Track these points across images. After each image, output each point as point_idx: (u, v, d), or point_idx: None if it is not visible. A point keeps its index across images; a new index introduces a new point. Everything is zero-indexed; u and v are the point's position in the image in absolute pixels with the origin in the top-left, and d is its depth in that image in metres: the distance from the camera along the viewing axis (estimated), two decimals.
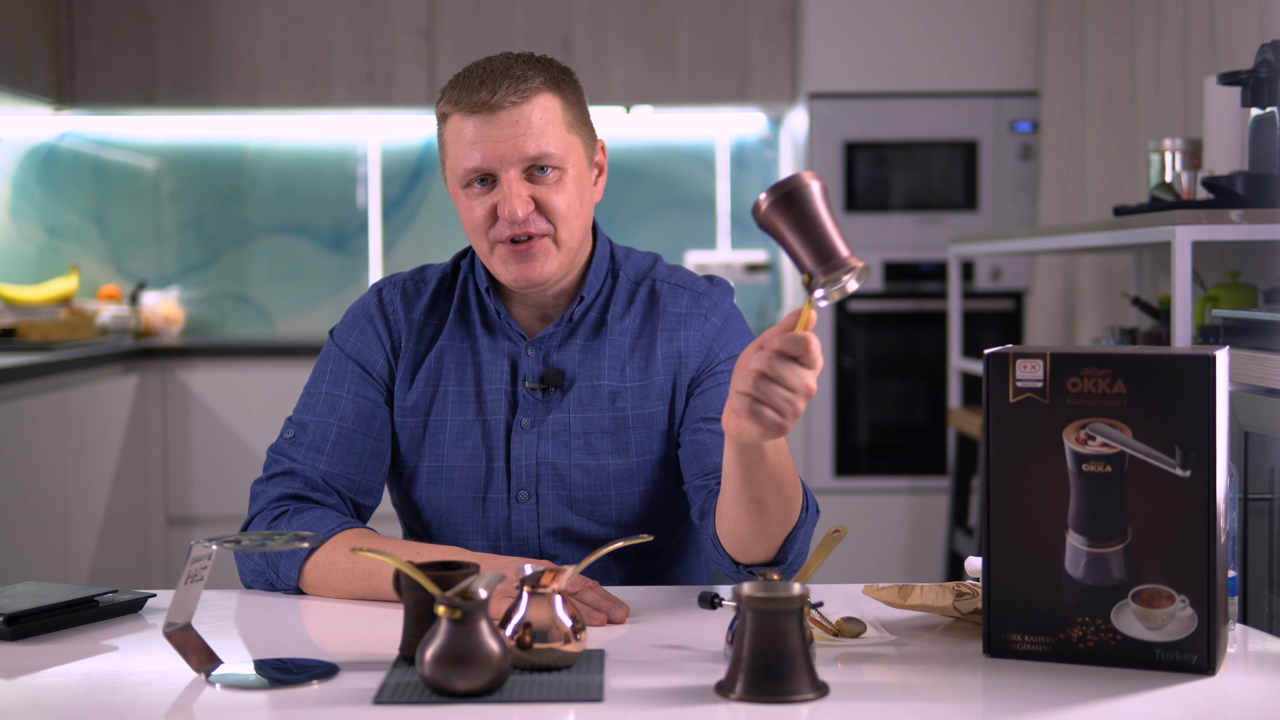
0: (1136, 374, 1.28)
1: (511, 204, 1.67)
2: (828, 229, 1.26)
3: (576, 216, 1.72)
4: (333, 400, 1.77)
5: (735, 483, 1.47)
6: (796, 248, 1.27)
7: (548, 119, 1.69)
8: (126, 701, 1.26)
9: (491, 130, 1.67)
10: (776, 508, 1.51)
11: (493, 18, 4.55)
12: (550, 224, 1.70)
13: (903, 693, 1.27)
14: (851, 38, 4.35)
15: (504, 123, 1.67)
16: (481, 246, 1.73)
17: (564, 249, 1.72)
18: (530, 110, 1.68)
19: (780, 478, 1.48)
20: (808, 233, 1.26)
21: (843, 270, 1.26)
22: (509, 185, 1.68)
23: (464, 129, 1.69)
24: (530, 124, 1.67)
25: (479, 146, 1.68)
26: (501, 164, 1.68)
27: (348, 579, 1.62)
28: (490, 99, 1.67)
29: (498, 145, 1.67)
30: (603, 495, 1.76)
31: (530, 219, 1.68)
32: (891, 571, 4.32)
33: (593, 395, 1.76)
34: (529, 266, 1.70)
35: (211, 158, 4.88)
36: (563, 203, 1.70)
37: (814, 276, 1.26)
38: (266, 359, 4.33)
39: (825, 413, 4.38)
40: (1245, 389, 2.31)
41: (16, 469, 3.41)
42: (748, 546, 1.56)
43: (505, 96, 1.67)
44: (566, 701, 1.22)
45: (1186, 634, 1.28)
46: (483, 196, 1.70)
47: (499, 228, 1.70)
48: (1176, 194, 2.80)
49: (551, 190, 1.69)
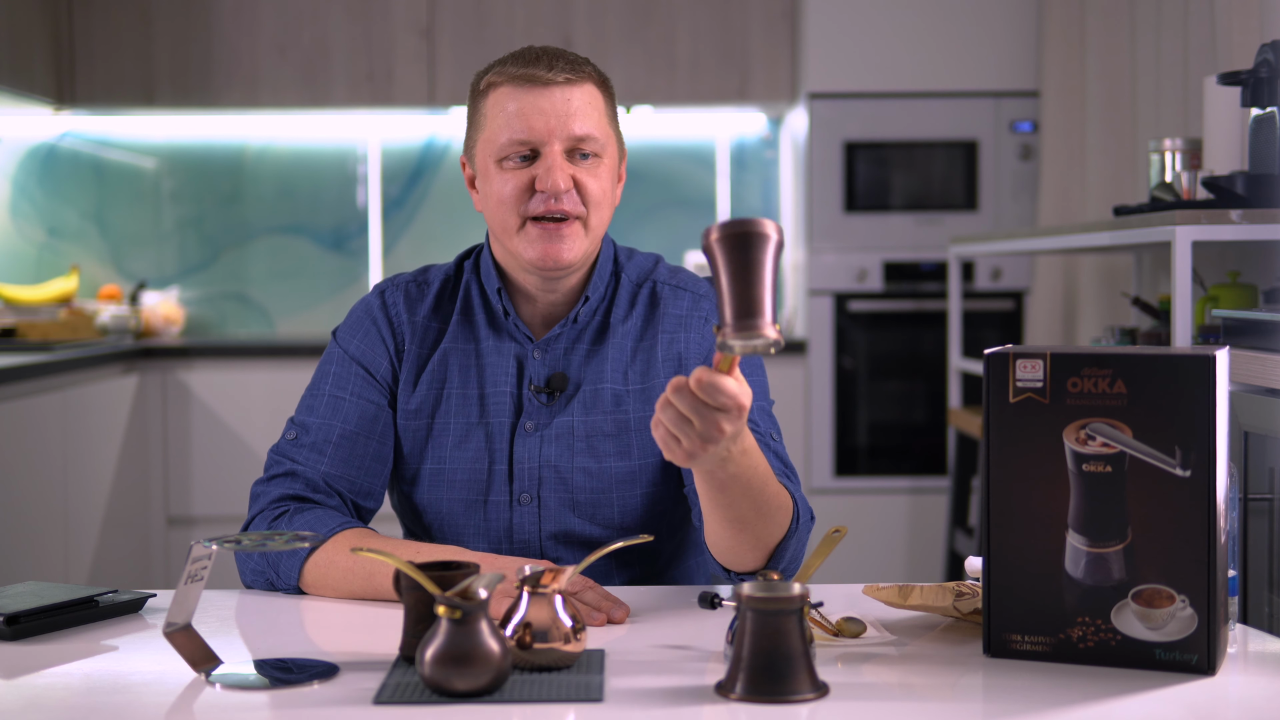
0: (1136, 374, 1.28)
1: (554, 176, 1.68)
2: (763, 289, 1.22)
3: (608, 205, 1.75)
4: (335, 402, 1.77)
5: (708, 505, 1.50)
6: (725, 292, 1.23)
7: (594, 105, 1.72)
8: (126, 701, 1.25)
9: (543, 103, 1.69)
10: (757, 522, 1.52)
11: (493, 18, 4.55)
12: (584, 207, 1.71)
13: (903, 693, 1.27)
14: (851, 38, 4.35)
15: (556, 98, 1.69)
16: (509, 222, 1.72)
17: (591, 235, 1.73)
18: (580, 93, 1.71)
19: (756, 497, 1.49)
20: (743, 283, 1.22)
21: (755, 337, 1.22)
22: (553, 158, 1.69)
23: (510, 101, 1.70)
24: (579, 105, 1.70)
25: (527, 119, 1.69)
26: (548, 137, 1.69)
27: (348, 578, 1.62)
28: (546, 74, 1.69)
29: (549, 119, 1.69)
30: (605, 498, 1.76)
31: (568, 196, 1.70)
32: (891, 571, 4.32)
33: (595, 398, 1.77)
34: (557, 247, 1.71)
35: (211, 158, 4.88)
36: (598, 188, 1.72)
37: (725, 328, 1.23)
38: (266, 359, 4.33)
39: (825, 413, 4.38)
40: (1245, 389, 2.31)
41: (16, 469, 3.41)
42: (734, 557, 1.58)
43: (560, 73, 1.70)
44: (566, 701, 1.22)
45: (1186, 634, 1.28)
46: (519, 171, 1.71)
47: (534, 202, 1.70)
48: (1176, 194, 2.80)
49: (589, 174, 1.72)
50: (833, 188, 4.39)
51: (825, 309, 4.38)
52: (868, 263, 4.39)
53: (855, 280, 4.39)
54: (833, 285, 4.39)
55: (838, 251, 4.39)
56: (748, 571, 1.59)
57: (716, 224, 1.23)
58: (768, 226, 1.23)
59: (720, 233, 1.23)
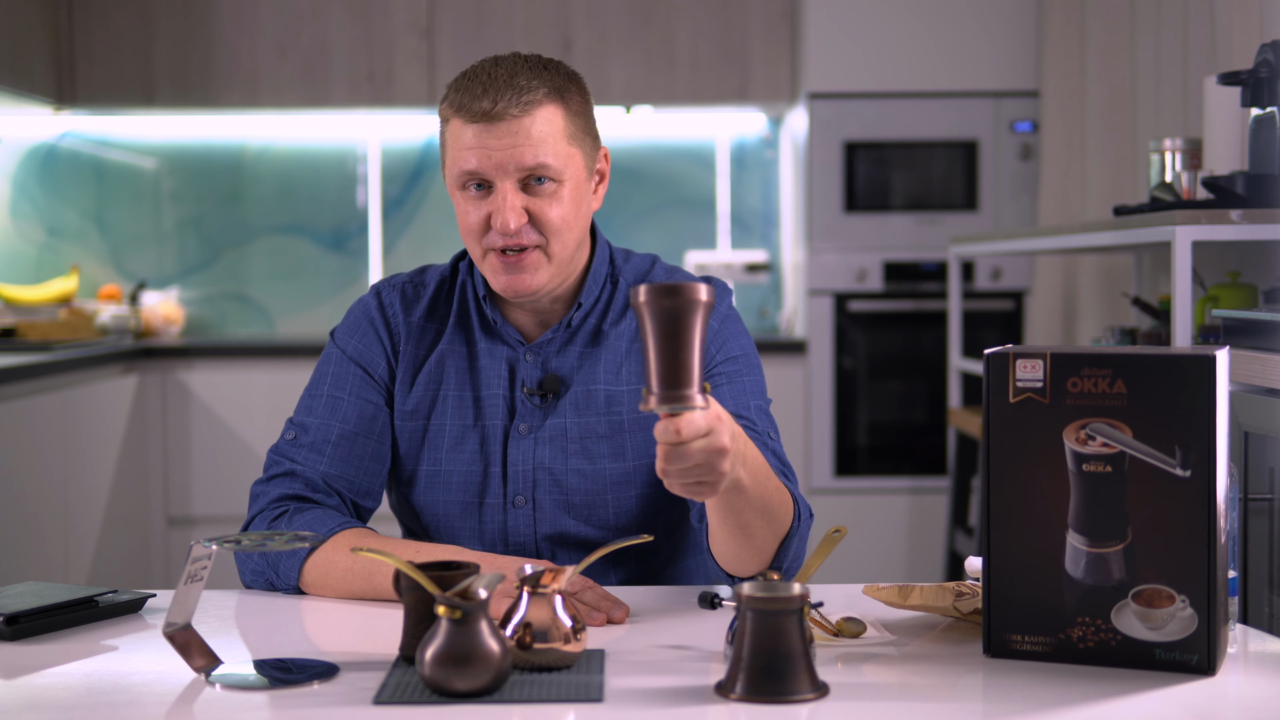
0: (1136, 374, 1.28)
1: (505, 215, 1.66)
2: (690, 359, 1.22)
3: (570, 229, 1.70)
4: (334, 402, 1.77)
5: (717, 515, 1.50)
6: (652, 359, 1.23)
7: (548, 131, 1.67)
8: (126, 701, 1.25)
9: (490, 140, 1.65)
10: (763, 527, 1.52)
11: (493, 18, 4.55)
12: (542, 235, 1.69)
13: (903, 693, 1.27)
14: (851, 38, 4.35)
15: (503, 133, 1.65)
16: (475, 251, 1.73)
17: (555, 261, 1.71)
18: (531, 123, 1.66)
19: (762, 501, 1.49)
20: (671, 353, 1.22)
21: (682, 408, 1.23)
22: (503, 196, 1.66)
23: (463, 134, 1.67)
24: (530, 135, 1.66)
25: (476, 153, 1.66)
26: (498, 173, 1.66)
27: (348, 578, 1.62)
28: (491, 109, 1.65)
29: (494, 154, 1.65)
30: (599, 499, 1.76)
31: (523, 230, 1.67)
32: (891, 571, 4.32)
33: (589, 400, 1.76)
34: (518, 278, 1.70)
35: (211, 158, 4.88)
36: (557, 215, 1.68)
37: (653, 396, 1.23)
38: (266, 359, 4.33)
39: (825, 413, 4.38)
40: (1245, 389, 2.31)
41: (16, 469, 3.41)
42: (740, 563, 1.59)
43: (507, 108, 1.65)
44: (566, 701, 1.22)
45: (1186, 634, 1.28)
46: (478, 201, 1.69)
47: (491, 236, 1.69)
48: (1176, 194, 2.80)
49: (546, 203, 1.68)
50: (833, 188, 4.39)
51: (825, 309, 4.38)
52: (868, 263, 4.39)
53: (855, 280, 4.39)
54: (833, 285, 4.39)
55: (838, 251, 4.39)
56: (751, 575, 1.59)
57: (645, 287, 1.22)
58: (698, 292, 1.22)
59: (650, 299, 1.21)
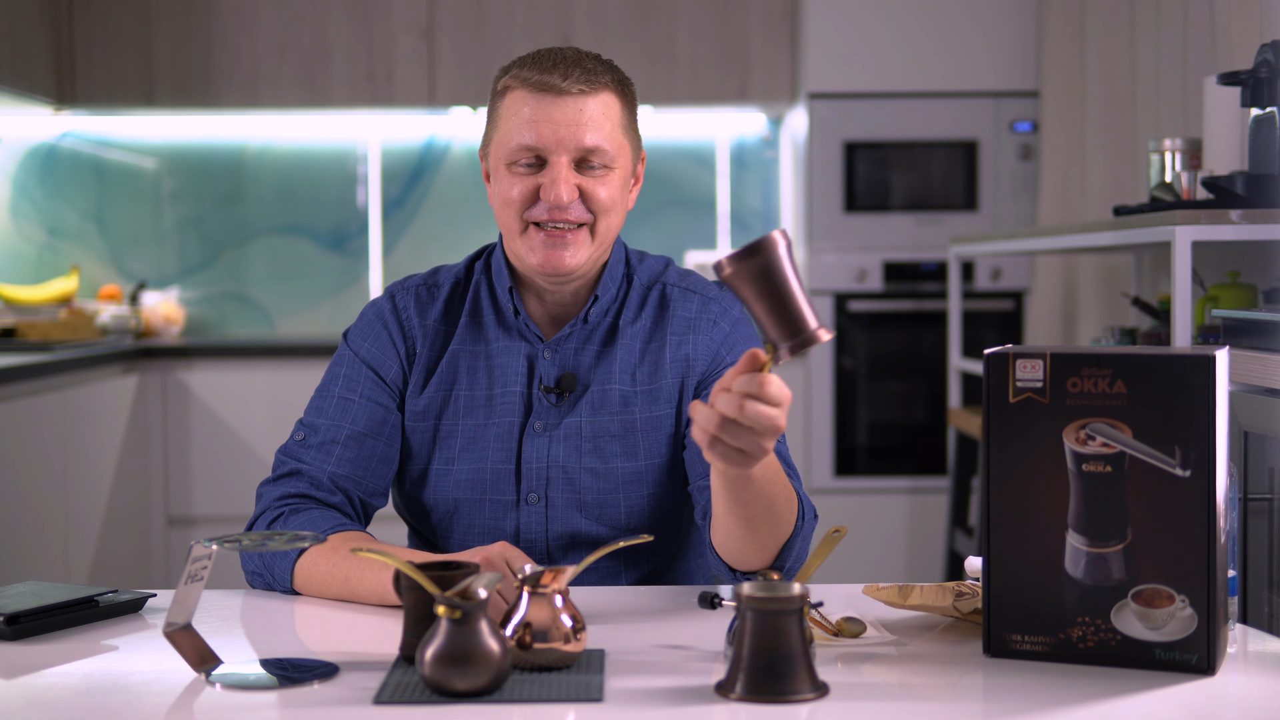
0: (1136, 374, 1.28)
1: (558, 188, 1.68)
2: (795, 298, 1.23)
3: (617, 211, 1.74)
4: (344, 404, 1.78)
5: (724, 504, 1.50)
6: (762, 317, 1.23)
7: (607, 116, 1.71)
8: (126, 701, 1.26)
9: (554, 112, 1.69)
10: (768, 522, 1.52)
11: (493, 18, 4.55)
12: (590, 213, 1.72)
13: (903, 693, 1.27)
14: (851, 38, 4.35)
15: (568, 108, 1.69)
16: (512, 225, 1.73)
17: (598, 241, 1.73)
18: (594, 103, 1.70)
19: (770, 495, 1.49)
20: (776, 302, 1.23)
21: (810, 343, 1.23)
22: (559, 169, 1.69)
23: (524, 106, 1.70)
24: (591, 116, 1.70)
25: (538, 126, 1.69)
26: (556, 148, 1.69)
27: (328, 581, 1.62)
28: (560, 82, 1.68)
29: (558, 129, 1.68)
30: (611, 498, 1.76)
31: (573, 206, 1.70)
32: (891, 571, 4.32)
33: (603, 399, 1.77)
34: (559, 254, 1.71)
35: (211, 158, 4.88)
36: (606, 195, 1.72)
37: (780, 349, 1.23)
38: (266, 359, 4.33)
39: (825, 413, 4.38)
40: (1245, 389, 2.31)
41: (16, 469, 3.41)
42: (743, 557, 1.58)
43: (574, 83, 1.69)
44: (566, 701, 1.22)
45: (1186, 634, 1.28)
46: (526, 177, 1.71)
47: (537, 209, 1.71)
48: (1176, 194, 2.80)
49: (597, 182, 1.71)
50: (833, 188, 4.39)
51: (825, 309, 4.38)
52: (868, 263, 4.39)
53: (855, 280, 4.39)
54: (833, 285, 4.39)
55: (838, 251, 4.39)
56: (753, 571, 1.59)
57: (724, 259, 1.23)
58: (774, 239, 1.23)
59: (732, 266, 1.23)
